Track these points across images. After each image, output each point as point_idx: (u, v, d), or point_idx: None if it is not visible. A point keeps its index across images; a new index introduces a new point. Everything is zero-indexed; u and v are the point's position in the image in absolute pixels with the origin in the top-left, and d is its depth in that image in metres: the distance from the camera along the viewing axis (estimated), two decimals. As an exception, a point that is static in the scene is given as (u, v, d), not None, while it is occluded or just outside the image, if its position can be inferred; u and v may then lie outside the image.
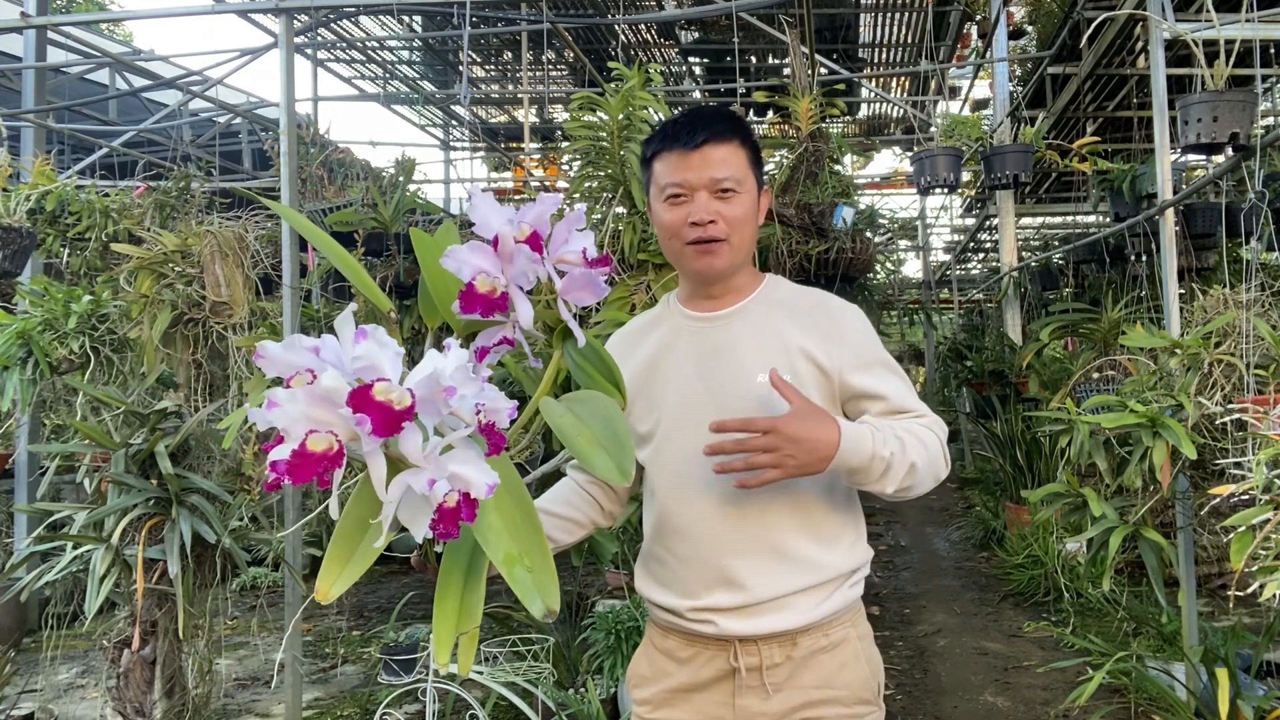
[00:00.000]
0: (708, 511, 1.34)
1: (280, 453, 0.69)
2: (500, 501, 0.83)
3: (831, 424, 1.23)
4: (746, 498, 1.32)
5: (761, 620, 1.32)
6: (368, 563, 0.79)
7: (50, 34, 5.36)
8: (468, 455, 0.75)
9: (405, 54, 8.76)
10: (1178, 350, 2.62)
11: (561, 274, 0.94)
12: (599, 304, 3.15)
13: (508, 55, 8.86)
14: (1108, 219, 5.95)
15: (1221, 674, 2.57)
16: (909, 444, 1.28)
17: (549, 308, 0.98)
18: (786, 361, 1.35)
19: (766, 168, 4.70)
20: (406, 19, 7.63)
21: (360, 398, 0.68)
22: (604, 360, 1.03)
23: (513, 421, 0.82)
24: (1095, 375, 3.33)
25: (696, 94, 9.52)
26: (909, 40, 8.26)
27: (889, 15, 7.79)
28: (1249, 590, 1.93)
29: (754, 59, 8.98)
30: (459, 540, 0.85)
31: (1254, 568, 1.91)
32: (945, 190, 4.88)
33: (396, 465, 0.74)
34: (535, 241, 0.89)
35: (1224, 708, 2.48)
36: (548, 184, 9.83)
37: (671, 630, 1.40)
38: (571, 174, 3.58)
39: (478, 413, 0.76)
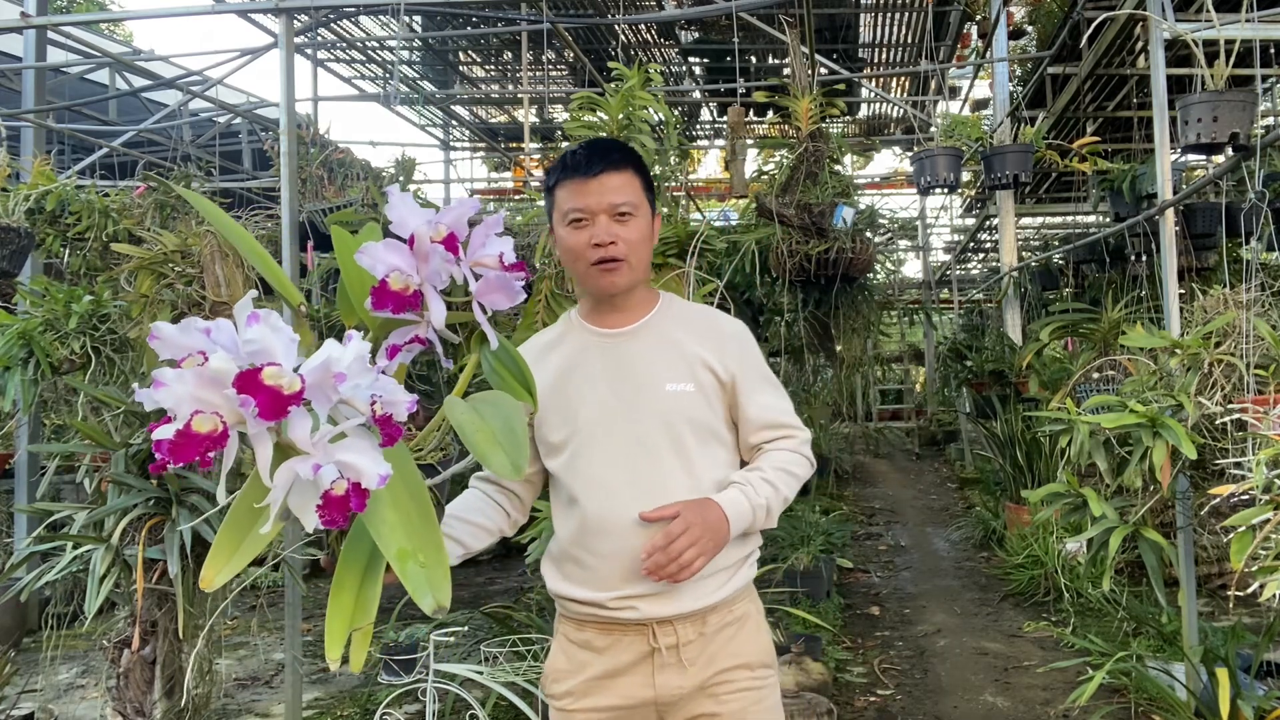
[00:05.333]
0: (627, 510, 1.45)
1: (164, 432, 0.69)
2: (397, 497, 0.83)
3: (715, 505, 1.42)
4: (662, 497, 1.45)
5: (678, 602, 1.45)
6: (256, 550, 0.80)
7: (50, 34, 5.36)
8: (360, 445, 0.76)
9: (405, 54, 8.76)
10: (1178, 350, 2.62)
11: (478, 277, 0.95)
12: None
13: (508, 55, 8.86)
14: (1108, 219, 5.96)
15: (1221, 674, 2.57)
16: (779, 483, 1.50)
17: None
18: (689, 370, 1.51)
19: (767, 167, 4.71)
20: (406, 19, 7.63)
21: (247, 380, 0.68)
22: (517, 363, 1.05)
23: (413, 416, 0.82)
24: (1095, 375, 3.33)
25: (696, 94, 9.52)
26: (909, 40, 8.26)
27: (889, 15, 7.78)
28: (1249, 590, 1.94)
29: (754, 59, 8.98)
30: (360, 536, 0.86)
31: (1254, 568, 1.91)
32: (945, 190, 4.88)
33: (287, 453, 0.74)
34: (451, 242, 0.90)
35: (1224, 708, 2.48)
36: (548, 184, 9.80)
37: (588, 622, 1.50)
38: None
39: (373, 403, 0.76)
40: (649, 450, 1.47)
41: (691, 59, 8.84)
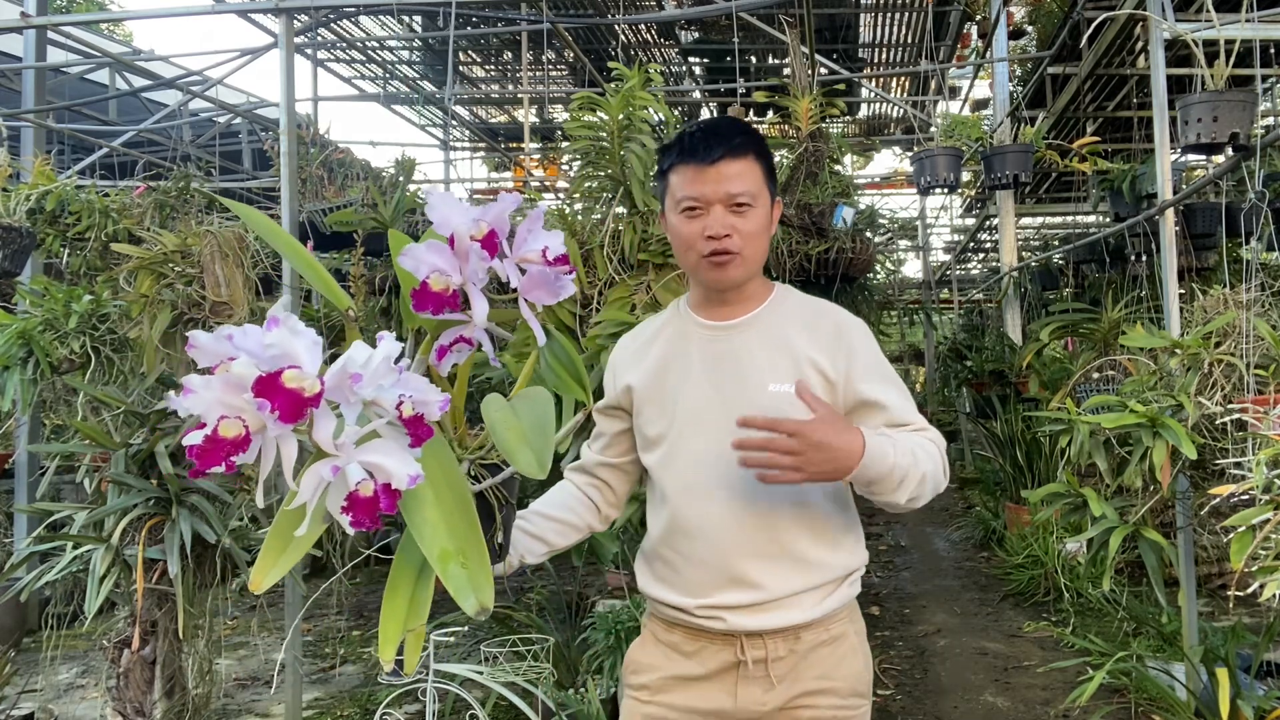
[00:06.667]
0: (720, 515, 1.37)
1: (194, 438, 0.70)
2: (440, 496, 0.83)
3: (856, 434, 1.25)
4: (758, 502, 1.36)
5: (770, 616, 1.36)
6: (301, 553, 0.81)
7: (50, 34, 5.36)
8: (389, 446, 0.76)
9: (405, 54, 8.76)
10: (1178, 350, 2.62)
11: (524, 273, 0.95)
12: (599, 304, 3.15)
13: (508, 55, 8.86)
14: (1108, 219, 5.95)
15: (1221, 674, 2.57)
16: (920, 456, 1.32)
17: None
18: (795, 370, 1.39)
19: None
20: (406, 19, 7.63)
21: (266, 384, 0.68)
22: (572, 359, 1.05)
23: (460, 414, 0.82)
24: (1095, 375, 3.33)
25: (696, 94, 9.52)
26: (909, 40, 8.26)
27: (889, 15, 7.78)
28: (1249, 590, 1.93)
29: (754, 59, 8.98)
30: (414, 539, 0.86)
31: (1254, 568, 1.91)
32: (945, 190, 4.88)
33: (323, 456, 0.74)
34: (490, 240, 0.89)
35: (1224, 708, 2.48)
36: (548, 184, 9.83)
37: (676, 625, 1.43)
38: (571, 174, 3.58)
39: (399, 404, 0.76)
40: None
41: (691, 59, 8.84)
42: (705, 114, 10.18)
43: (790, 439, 1.20)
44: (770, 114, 9.46)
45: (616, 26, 7.28)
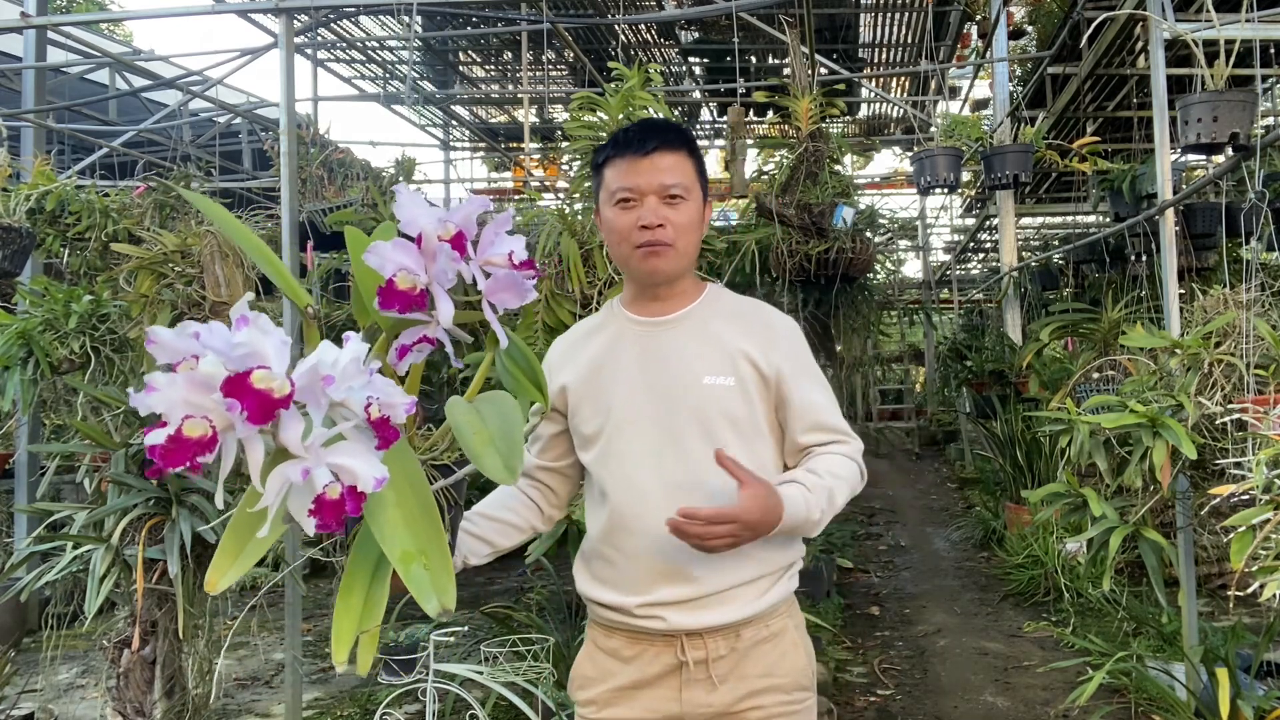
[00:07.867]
0: (657, 507, 1.37)
1: (156, 437, 0.68)
2: (401, 498, 0.82)
3: (778, 502, 1.30)
4: (695, 494, 1.37)
5: (708, 613, 1.37)
6: (259, 554, 0.79)
7: (50, 34, 5.36)
8: (355, 448, 0.75)
9: (405, 54, 8.76)
10: (1178, 350, 2.62)
11: (488, 275, 0.94)
12: (598, 303, 3.15)
13: (508, 55, 8.86)
14: (1108, 219, 5.96)
15: (1221, 674, 2.57)
16: (836, 492, 1.39)
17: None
18: (730, 364, 1.42)
19: (767, 167, 4.71)
20: (406, 19, 7.63)
21: (235, 384, 0.67)
22: (530, 362, 1.05)
23: (429, 418, 0.81)
24: (1095, 375, 3.33)
25: (696, 94, 9.52)
26: (909, 40, 8.26)
27: (889, 15, 7.78)
28: (1249, 590, 1.93)
29: (754, 59, 8.98)
30: (370, 538, 0.85)
31: (1254, 568, 1.91)
32: (945, 190, 4.88)
33: (287, 456, 0.73)
34: (459, 241, 0.89)
35: (1224, 708, 2.48)
36: (548, 184, 9.83)
37: (616, 629, 1.44)
38: (571, 174, 3.58)
39: (368, 406, 0.75)
40: (681, 446, 1.39)
41: (691, 59, 8.84)
42: (705, 114, 10.19)
43: (728, 526, 1.25)
44: (770, 114, 9.48)
45: (616, 26, 7.28)
